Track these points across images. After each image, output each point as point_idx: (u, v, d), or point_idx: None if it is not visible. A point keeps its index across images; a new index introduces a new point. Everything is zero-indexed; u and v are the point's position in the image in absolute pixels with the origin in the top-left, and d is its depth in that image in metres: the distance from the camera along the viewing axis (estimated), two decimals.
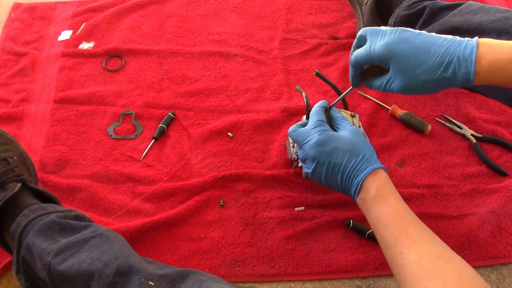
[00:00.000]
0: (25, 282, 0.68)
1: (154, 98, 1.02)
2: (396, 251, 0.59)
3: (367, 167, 0.67)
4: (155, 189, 0.88)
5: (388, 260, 0.62)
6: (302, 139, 0.73)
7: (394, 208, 0.63)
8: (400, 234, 0.60)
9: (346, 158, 0.68)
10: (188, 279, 0.58)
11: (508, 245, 0.82)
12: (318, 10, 1.19)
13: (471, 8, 0.82)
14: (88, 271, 0.60)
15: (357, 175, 0.67)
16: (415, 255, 0.57)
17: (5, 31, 1.16)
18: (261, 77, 1.06)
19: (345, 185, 0.69)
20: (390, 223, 0.62)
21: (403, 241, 0.59)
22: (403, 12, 0.91)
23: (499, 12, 0.77)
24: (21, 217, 0.69)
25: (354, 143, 0.69)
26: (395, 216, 0.62)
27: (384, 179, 0.67)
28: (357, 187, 0.67)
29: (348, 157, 0.68)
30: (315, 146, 0.70)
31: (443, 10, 0.86)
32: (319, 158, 0.70)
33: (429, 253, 0.57)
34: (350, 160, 0.68)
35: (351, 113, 0.81)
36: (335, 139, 0.70)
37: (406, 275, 0.56)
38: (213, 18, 1.18)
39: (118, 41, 1.12)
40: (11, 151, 0.81)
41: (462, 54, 0.58)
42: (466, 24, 0.79)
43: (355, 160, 0.68)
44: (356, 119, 0.81)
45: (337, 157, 0.68)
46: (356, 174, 0.67)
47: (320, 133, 0.71)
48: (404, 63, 0.62)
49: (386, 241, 0.61)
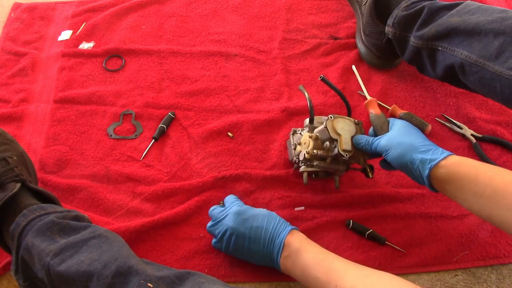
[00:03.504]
0: (24, 282, 0.68)
1: (154, 98, 1.02)
2: (330, 286, 0.64)
3: (286, 227, 0.73)
4: (155, 189, 0.88)
5: None
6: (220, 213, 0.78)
7: (316, 252, 0.70)
8: (329, 270, 0.66)
9: (266, 221, 0.74)
10: (186, 281, 0.58)
11: (508, 245, 0.82)
12: (318, 10, 1.19)
13: (468, 8, 0.82)
14: (87, 272, 0.60)
15: (279, 235, 0.73)
16: (348, 282, 0.63)
17: (5, 31, 1.16)
18: (261, 77, 1.06)
19: (267, 248, 0.73)
20: (317, 264, 0.68)
21: (334, 275, 0.65)
22: (401, 12, 0.91)
23: (496, 12, 0.77)
24: (21, 217, 0.69)
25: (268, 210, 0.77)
26: (319, 258, 0.68)
27: (301, 235, 0.73)
28: (280, 246, 0.72)
29: (268, 220, 0.74)
30: (234, 215, 0.75)
31: (441, 10, 0.86)
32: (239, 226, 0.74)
33: (360, 276, 0.63)
34: (270, 222, 0.74)
35: (355, 120, 0.81)
36: (251, 209, 0.77)
37: None
38: (213, 18, 1.18)
39: (118, 41, 1.12)
40: (11, 151, 0.81)
41: None
42: (463, 24, 0.80)
43: (274, 222, 0.74)
44: (359, 127, 0.81)
45: (258, 221, 0.74)
46: (278, 234, 0.73)
47: (238, 205, 0.78)
48: None
49: (319, 281, 0.66)
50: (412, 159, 0.69)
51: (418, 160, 0.68)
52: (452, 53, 0.82)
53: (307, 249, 0.70)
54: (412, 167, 0.69)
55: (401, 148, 0.71)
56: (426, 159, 0.67)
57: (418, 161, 0.68)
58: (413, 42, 0.89)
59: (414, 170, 0.69)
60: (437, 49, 0.85)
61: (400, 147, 0.71)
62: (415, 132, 0.74)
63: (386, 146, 0.73)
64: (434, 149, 0.69)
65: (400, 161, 0.71)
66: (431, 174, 0.67)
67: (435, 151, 0.68)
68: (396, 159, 0.71)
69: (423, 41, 0.87)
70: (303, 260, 0.69)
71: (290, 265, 0.71)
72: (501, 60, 0.73)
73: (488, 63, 0.75)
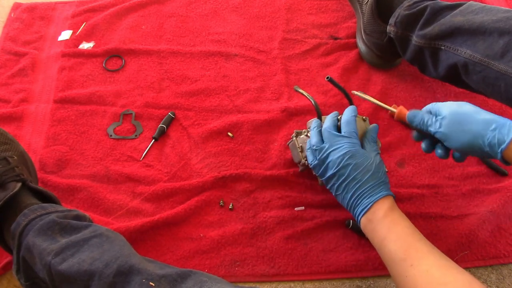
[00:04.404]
0: (25, 281, 0.68)
1: (154, 98, 1.02)
2: (405, 264, 0.61)
3: (381, 191, 0.69)
4: (155, 189, 0.88)
5: (395, 273, 0.63)
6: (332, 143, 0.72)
7: (403, 226, 0.66)
8: (409, 248, 0.62)
9: (366, 177, 0.69)
10: (188, 279, 0.58)
11: (508, 245, 0.82)
12: (318, 10, 1.19)
13: (472, 8, 0.82)
14: (88, 271, 0.60)
15: (370, 196, 0.69)
16: (425, 266, 0.59)
17: (5, 31, 1.16)
18: (261, 77, 1.06)
19: (353, 201, 0.70)
20: (400, 239, 0.64)
21: (413, 254, 0.61)
22: (404, 12, 0.91)
23: (501, 12, 0.77)
24: (21, 216, 0.69)
25: (378, 166, 0.71)
26: (404, 233, 0.65)
27: (393, 204, 0.69)
28: (366, 207, 0.68)
29: (368, 177, 0.69)
30: (344, 155, 0.70)
31: (444, 10, 0.86)
32: (342, 167, 0.70)
33: (439, 265, 0.59)
34: (369, 180, 0.69)
35: (363, 117, 0.81)
36: (363, 155, 0.71)
37: (417, 285, 0.59)
38: (213, 18, 1.18)
39: (118, 41, 1.12)
40: (11, 150, 0.81)
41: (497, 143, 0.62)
42: (467, 24, 0.80)
43: (374, 182, 0.69)
44: (367, 123, 0.80)
45: (359, 173, 0.69)
46: (369, 195, 0.69)
47: (351, 145, 0.71)
48: None
49: (394, 255, 0.63)
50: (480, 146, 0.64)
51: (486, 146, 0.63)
52: (455, 53, 0.82)
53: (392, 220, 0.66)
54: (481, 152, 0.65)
55: (464, 137, 0.65)
56: (494, 143, 0.62)
57: (486, 147, 0.63)
58: (415, 42, 0.89)
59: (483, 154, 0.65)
60: (440, 49, 0.85)
61: (462, 136, 0.65)
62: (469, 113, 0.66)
63: (444, 135, 0.68)
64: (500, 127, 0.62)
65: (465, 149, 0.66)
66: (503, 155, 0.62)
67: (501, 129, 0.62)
68: (461, 148, 0.67)
69: (425, 40, 0.87)
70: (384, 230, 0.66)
71: (370, 230, 0.68)
72: (506, 59, 0.73)
73: (492, 62, 0.75)
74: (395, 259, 0.63)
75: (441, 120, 0.68)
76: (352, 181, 0.70)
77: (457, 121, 0.66)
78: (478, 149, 0.64)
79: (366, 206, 0.68)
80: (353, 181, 0.70)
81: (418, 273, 0.59)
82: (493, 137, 0.62)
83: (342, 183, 0.71)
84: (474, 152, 0.65)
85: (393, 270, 0.64)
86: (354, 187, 0.70)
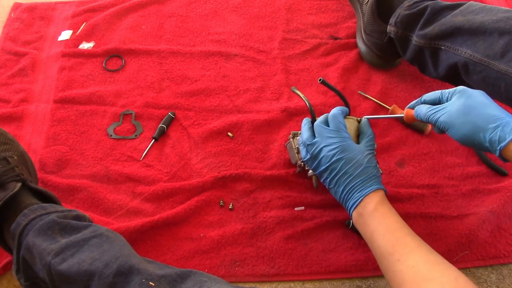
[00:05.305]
0: (25, 282, 0.68)
1: (154, 98, 1.02)
2: (393, 258, 0.61)
3: (372, 185, 0.69)
4: (155, 189, 0.88)
5: (384, 267, 0.64)
6: (323, 137, 0.73)
7: (391, 220, 0.66)
8: (397, 243, 0.63)
9: (358, 171, 0.70)
10: (188, 279, 0.58)
11: (508, 245, 0.82)
12: (318, 10, 1.19)
13: (472, 8, 0.82)
14: (88, 271, 0.60)
15: (361, 190, 0.69)
16: (412, 261, 0.59)
17: (5, 31, 1.16)
18: (261, 77, 1.06)
19: (345, 195, 0.71)
20: (388, 233, 0.65)
21: (400, 249, 0.62)
22: (404, 11, 0.91)
23: (501, 12, 0.77)
24: (21, 216, 0.69)
25: (370, 161, 0.71)
26: (392, 227, 0.65)
27: (383, 198, 0.69)
28: (356, 200, 0.69)
29: (360, 171, 0.70)
30: (335, 149, 0.71)
31: (445, 10, 0.86)
32: (334, 162, 0.71)
33: (426, 260, 0.60)
34: (360, 174, 0.70)
35: (357, 118, 0.81)
36: (354, 150, 0.71)
37: (404, 280, 0.59)
38: (213, 18, 1.18)
39: (118, 41, 1.12)
40: (11, 150, 0.81)
41: None
42: (468, 24, 0.80)
43: (365, 176, 0.70)
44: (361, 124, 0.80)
45: (350, 167, 0.70)
46: (360, 189, 0.69)
47: (342, 140, 0.72)
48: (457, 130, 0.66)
49: (383, 249, 0.64)
50: (480, 141, 0.63)
51: (486, 141, 0.63)
52: (456, 52, 0.82)
53: (382, 214, 0.67)
54: (480, 146, 0.65)
55: (465, 128, 0.64)
56: (494, 140, 0.62)
57: (487, 142, 0.63)
58: (415, 41, 0.89)
59: (482, 148, 0.65)
60: (440, 48, 0.85)
61: (464, 127, 0.64)
62: (477, 106, 0.65)
63: (446, 124, 0.66)
64: (503, 124, 0.62)
65: (465, 141, 0.65)
66: (502, 153, 0.62)
67: (504, 127, 0.61)
68: (461, 140, 0.66)
69: (426, 40, 0.87)
70: (374, 223, 0.66)
71: (361, 223, 0.69)
72: (507, 59, 0.73)
73: (493, 62, 0.75)
74: (384, 254, 0.63)
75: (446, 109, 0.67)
76: (343, 175, 0.70)
77: (462, 112, 0.65)
78: (478, 143, 0.64)
79: (357, 199, 0.69)
80: (344, 175, 0.70)
81: (405, 268, 0.59)
82: (494, 133, 0.62)
83: (334, 177, 0.71)
84: (475, 145, 0.65)
85: (382, 265, 0.64)
86: (346, 181, 0.70)
